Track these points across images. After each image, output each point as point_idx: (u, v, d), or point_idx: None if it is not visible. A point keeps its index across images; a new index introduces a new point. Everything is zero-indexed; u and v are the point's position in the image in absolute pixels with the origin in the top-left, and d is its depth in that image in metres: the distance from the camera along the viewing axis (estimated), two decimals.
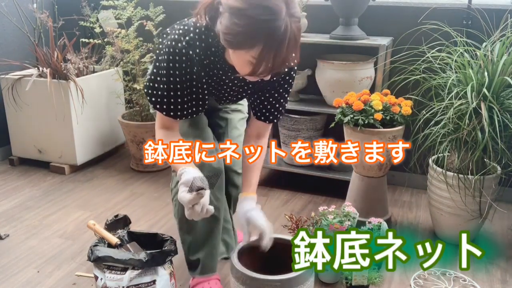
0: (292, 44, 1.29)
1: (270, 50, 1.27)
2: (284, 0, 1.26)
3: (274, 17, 1.24)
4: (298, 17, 1.30)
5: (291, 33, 1.27)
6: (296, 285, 1.57)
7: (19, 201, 2.67)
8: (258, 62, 1.31)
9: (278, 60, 1.30)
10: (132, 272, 1.63)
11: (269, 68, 1.32)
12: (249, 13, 1.25)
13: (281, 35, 1.26)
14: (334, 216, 2.01)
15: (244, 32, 1.27)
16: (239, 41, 1.30)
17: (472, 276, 2.02)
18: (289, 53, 1.31)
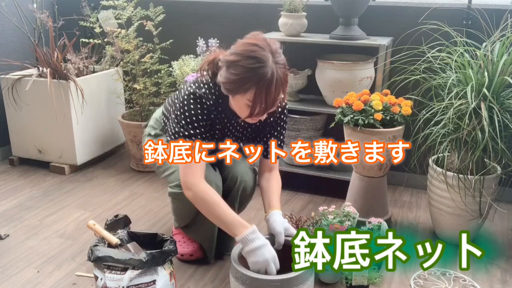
0: (279, 86, 1.57)
1: (261, 92, 1.55)
2: (270, 51, 1.56)
3: (262, 65, 1.54)
4: (283, 64, 1.59)
5: (278, 76, 1.55)
6: (296, 285, 1.57)
7: (19, 201, 2.67)
8: (253, 104, 1.58)
9: (269, 100, 1.57)
10: (132, 272, 1.63)
11: (263, 109, 1.59)
12: (241, 64, 1.56)
13: (269, 79, 1.54)
14: (334, 216, 2.01)
15: (239, 79, 1.57)
16: (236, 87, 1.59)
17: (472, 276, 2.02)
18: (278, 94, 1.58)
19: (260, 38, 1.61)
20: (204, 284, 1.97)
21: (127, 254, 1.66)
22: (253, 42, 1.59)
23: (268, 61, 1.55)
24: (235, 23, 3.07)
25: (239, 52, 1.58)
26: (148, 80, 3.06)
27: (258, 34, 1.63)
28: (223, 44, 2.95)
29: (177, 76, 2.89)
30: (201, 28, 3.12)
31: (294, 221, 2.11)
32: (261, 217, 2.50)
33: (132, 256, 1.64)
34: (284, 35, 2.74)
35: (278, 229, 1.77)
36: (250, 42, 1.59)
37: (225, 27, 3.08)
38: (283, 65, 1.59)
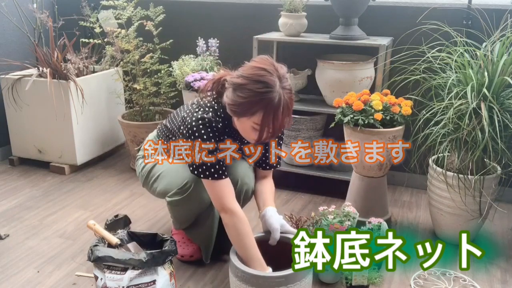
0: (286, 110, 1.60)
1: (269, 116, 1.57)
2: (277, 76, 1.59)
3: (270, 90, 1.56)
4: (289, 89, 1.61)
5: (284, 101, 1.58)
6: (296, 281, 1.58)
7: (19, 201, 2.67)
8: (261, 128, 1.60)
9: (276, 124, 1.60)
10: (132, 272, 1.63)
11: (270, 133, 1.62)
12: (249, 87, 1.57)
13: (276, 103, 1.56)
14: (334, 216, 2.01)
15: (246, 103, 1.58)
16: (243, 110, 1.60)
17: (472, 276, 2.02)
18: (284, 118, 1.61)
19: (268, 62, 1.63)
20: (204, 284, 1.97)
21: (127, 254, 1.66)
22: (261, 67, 1.60)
23: (276, 86, 1.57)
24: (235, 23, 3.07)
25: (247, 75, 1.59)
26: (148, 80, 3.06)
27: (267, 59, 1.65)
28: (223, 44, 2.97)
29: (177, 76, 2.89)
30: (201, 28, 3.12)
31: (294, 221, 2.11)
32: None
33: (132, 256, 1.64)
34: (284, 35, 2.74)
35: (274, 226, 1.78)
36: (259, 66, 1.61)
37: (225, 27, 3.08)
38: (289, 90, 1.61)
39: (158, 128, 2.08)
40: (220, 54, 2.93)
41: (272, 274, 1.57)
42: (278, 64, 1.65)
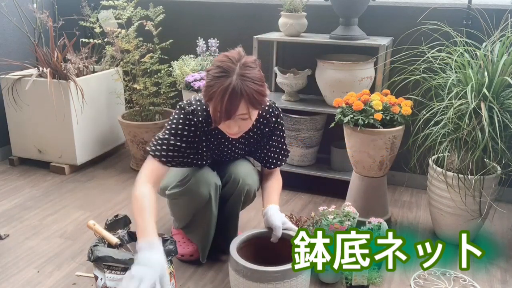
0: (236, 97, 1.60)
1: (217, 99, 1.61)
2: (239, 64, 1.62)
3: (225, 75, 1.61)
4: (251, 78, 1.62)
5: (236, 87, 1.59)
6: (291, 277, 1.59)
7: (19, 201, 2.67)
8: (213, 109, 1.65)
9: (223, 109, 1.60)
10: None
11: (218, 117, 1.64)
12: (211, 72, 1.65)
13: (225, 88, 1.59)
14: (334, 216, 2.01)
15: (206, 87, 1.65)
16: (205, 94, 1.66)
17: (472, 276, 2.02)
18: (233, 105, 1.60)
19: (236, 51, 1.68)
20: (204, 284, 1.97)
21: (127, 254, 1.66)
22: (227, 55, 1.66)
23: (232, 72, 1.61)
24: (235, 23, 3.07)
25: (214, 62, 1.68)
26: (148, 80, 3.06)
27: (238, 50, 1.69)
28: (223, 44, 2.97)
29: (177, 76, 2.89)
30: (201, 28, 3.12)
31: (294, 221, 2.12)
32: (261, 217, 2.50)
33: (132, 256, 1.64)
34: (284, 35, 2.75)
35: (276, 223, 1.79)
36: (225, 54, 1.67)
37: (225, 27, 3.08)
38: (250, 79, 1.61)
39: None
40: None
41: (269, 269, 1.58)
42: (249, 56, 1.69)
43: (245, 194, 1.98)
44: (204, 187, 1.88)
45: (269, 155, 1.99)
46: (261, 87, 1.66)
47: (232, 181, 1.97)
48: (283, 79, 2.74)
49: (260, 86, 1.65)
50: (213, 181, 1.91)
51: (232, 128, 1.70)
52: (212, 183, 1.91)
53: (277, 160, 2.01)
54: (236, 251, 1.68)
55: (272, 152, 1.99)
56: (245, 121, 1.69)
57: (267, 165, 2.01)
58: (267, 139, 1.96)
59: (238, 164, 1.99)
